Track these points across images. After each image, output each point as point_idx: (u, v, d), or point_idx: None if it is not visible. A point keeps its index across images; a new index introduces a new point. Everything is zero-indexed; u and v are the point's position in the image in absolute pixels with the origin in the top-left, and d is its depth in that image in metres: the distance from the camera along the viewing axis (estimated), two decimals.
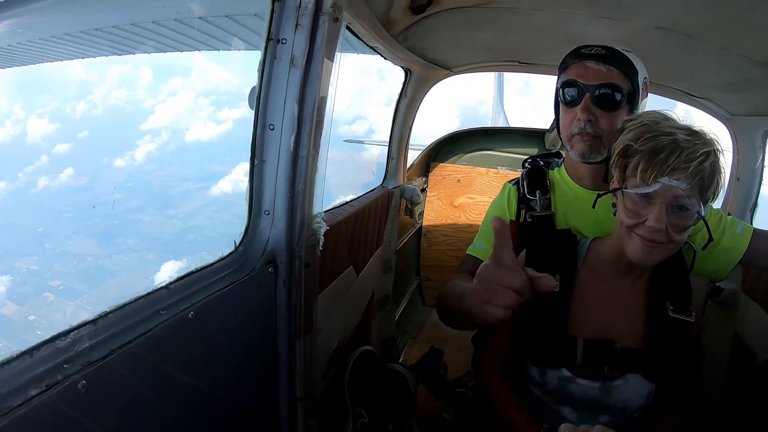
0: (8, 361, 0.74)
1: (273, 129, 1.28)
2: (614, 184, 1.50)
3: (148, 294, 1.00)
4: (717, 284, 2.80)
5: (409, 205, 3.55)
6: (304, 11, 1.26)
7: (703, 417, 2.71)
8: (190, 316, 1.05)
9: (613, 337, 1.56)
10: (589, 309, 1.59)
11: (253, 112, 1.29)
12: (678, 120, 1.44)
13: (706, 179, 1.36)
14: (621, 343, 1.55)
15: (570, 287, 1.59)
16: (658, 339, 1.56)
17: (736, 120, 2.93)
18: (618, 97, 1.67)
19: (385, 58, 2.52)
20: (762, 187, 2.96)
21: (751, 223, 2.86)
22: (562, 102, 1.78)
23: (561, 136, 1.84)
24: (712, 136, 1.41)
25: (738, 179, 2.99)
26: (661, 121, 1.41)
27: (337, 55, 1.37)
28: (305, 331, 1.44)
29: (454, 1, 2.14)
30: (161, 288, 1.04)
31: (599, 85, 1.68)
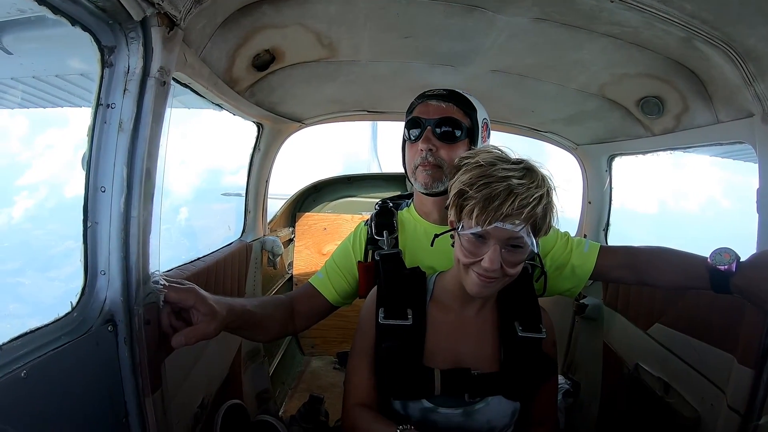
0: None
1: (104, 191, 1.34)
2: (452, 221, 1.60)
3: None
4: (581, 301, 3.02)
5: (271, 257, 3.60)
6: (131, 76, 1.34)
7: (585, 425, 2.88)
8: (22, 375, 1.08)
9: (468, 365, 1.63)
10: (443, 340, 1.67)
11: (84, 174, 1.34)
12: (513, 155, 1.55)
13: (538, 221, 1.47)
14: (477, 369, 1.62)
15: (423, 321, 1.67)
16: (512, 359, 1.64)
17: (581, 149, 3.21)
18: (457, 130, 1.84)
19: (234, 114, 2.60)
20: (612, 206, 3.22)
21: (606, 241, 3.13)
22: (407, 140, 1.94)
23: (407, 172, 1.99)
24: (545, 172, 1.52)
25: (590, 202, 3.26)
26: (497, 162, 1.50)
27: (167, 117, 1.45)
28: (153, 388, 1.48)
29: (296, 56, 2.28)
30: None
31: (440, 119, 1.85)
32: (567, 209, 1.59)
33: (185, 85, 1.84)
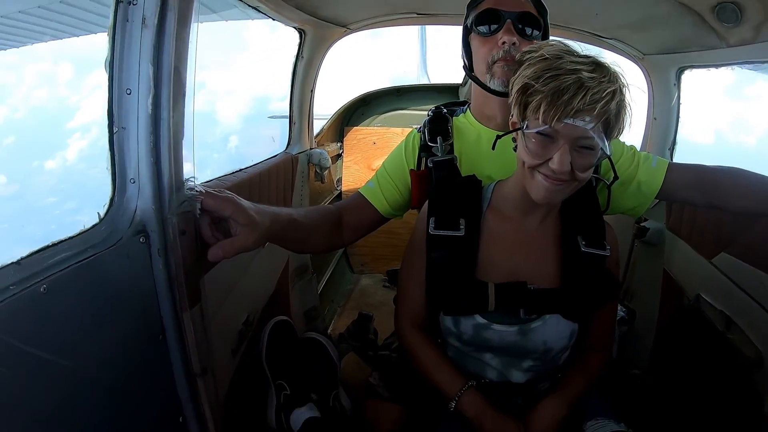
0: None
1: (130, 93, 1.25)
2: (514, 122, 1.50)
3: None
4: (642, 224, 2.87)
5: (318, 170, 3.54)
6: None
7: (638, 356, 2.79)
8: (42, 289, 1.01)
9: (525, 279, 1.57)
10: (499, 252, 1.61)
11: (107, 77, 1.25)
12: (580, 51, 1.44)
13: (611, 119, 1.38)
14: (534, 283, 1.57)
15: (476, 232, 1.60)
16: (573, 276, 1.58)
17: (648, 59, 3.00)
18: (535, 29, 1.75)
19: (274, 19, 2.49)
20: (680, 126, 3.03)
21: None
22: (478, 34, 1.81)
23: (476, 71, 1.86)
24: (617, 69, 1.41)
25: (655, 119, 3.06)
26: (563, 55, 1.40)
27: (194, 13, 1.33)
28: (192, 302, 1.42)
29: None
30: (12, 263, 1.00)
31: (521, 13, 1.74)
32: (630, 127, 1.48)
33: None
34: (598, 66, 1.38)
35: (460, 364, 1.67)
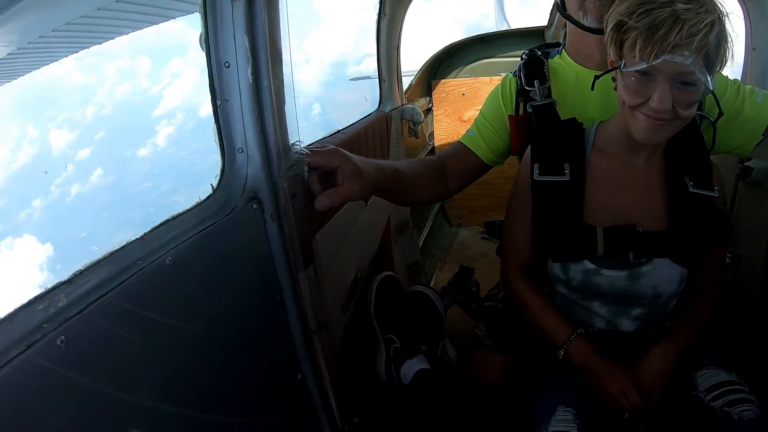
0: None
1: (228, 66, 1.29)
2: (611, 61, 1.46)
3: (122, 247, 1.04)
4: (746, 164, 2.72)
5: (411, 126, 3.55)
6: None
7: (743, 304, 2.68)
8: (168, 261, 1.08)
9: (633, 221, 1.53)
10: (605, 194, 1.57)
11: (204, 53, 1.29)
12: None
13: (711, 52, 1.31)
14: (643, 226, 1.53)
15: (582, 175, 1.58)
16: (682, 217, 1.53)
17: None
18: None
19: None
20: None
21: None
22: None
23: (569, 8, 1.80)
24: None
25: (754, 49, 2.85)
26: None
27: None
28: (306, 263, 1.48)
29: None
30: (136, 240, 1.07)
31: None
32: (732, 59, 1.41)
33: None
34: None
35: (568, 313, 1.66)
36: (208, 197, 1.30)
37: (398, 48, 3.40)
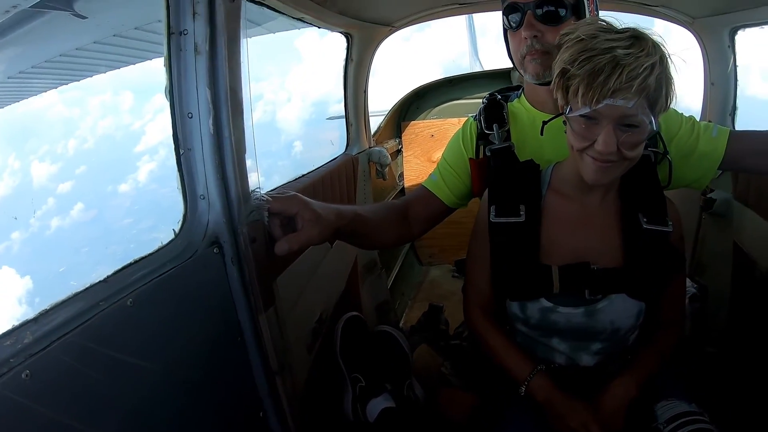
0: None
1: (192, 117, 1.36)
2: (560, 106, 1.51)
3: (86, 288, 1.09)
4: (708, 195, 2.81)
5: (379, 168, 3.60)
6: None
7: (712, 333, 2.73)
8: (129, 303, 1.13)
9: (588, 259, 1.57)
10: (561, 234, 1.62)
11: (169, 103, 1.36)
12: (618, 25, 1.43)
13: (652, 93, 1.36)
14: (598, 263, 1.57)
15: (537, 216, 1.62)
16: (636, 254, 1.57)
17: (699, 23, 2.90)
18: (560, 8, 1.70)
19: (319, 27, 2.57)
20: (738, 88, 2.93)
21: (734, 128, 2.86)
22: (508, 29, 1.81)
23: (515, 64, 1.87)
24: (657, 39, 1.39)
25: (712, 84, 2.97)
26: (598, 34, 1.39)
27: (242, 35, 1.43)
28: (266, 305, 1.53)
29: None
30: (100, 282, 1.12)
31: (539, 0, 1.70)
32: (687, 96, 1.47)
33: (260, 3, 1.83)
34: (636, 40, 1.36)
35: (529, 350, 1.68)
36: (170, 242, 1.35)
37: (365, 92, 3.49)
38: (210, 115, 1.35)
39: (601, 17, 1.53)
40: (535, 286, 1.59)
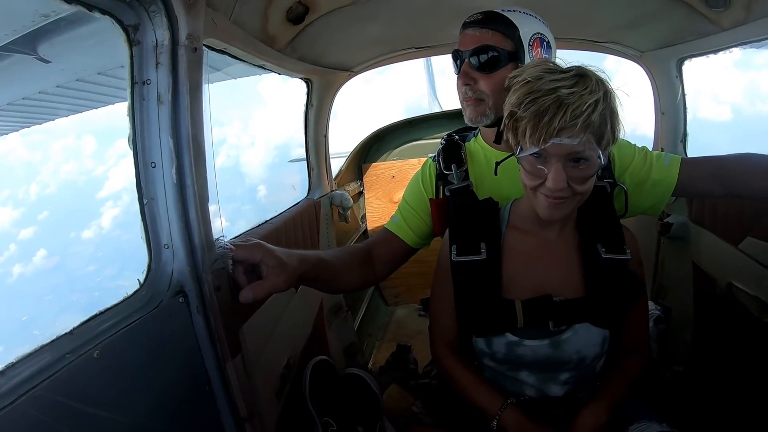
0: None
1: (155, 166, 1.37)
2: (512, 146, 1.55)
3: (52, 341, 1.09)
4: (665, 220, 2.90)
5: (341, 211, 3.64)
6: (161, 49, 1.35)
7: (678, 352, 2.80)
8: (95, 355, 1.13)
9: (550, 291, 1.61)
10: (522, 269, 1.65)
11: (132, 152, 1.38)
12: (563, 64, 1.48)
13: (598, 129, 1.40)
14: (561, 295, 1.60)
15: (498, 253, 1.65)
16: (597, 283, 1.61)
17: (647, 56, 3.02)
18: (492, 57, 1.77)
19: (280, 74, 2.61)
20: (688, 115, 3.03)
21: (685, 154, 2.98)
22: (455, 73, 1.88)
23: None
24: (601, 75, 1.44)
25: (663, 113, 3.08)
26: (543, 75, 1.43)
27: (204, 84, 1.46)
28: (233, 352, 1.53)
29: (330, 3, 2.24)
30: (66, 334, 1.12)
31: (474, 48, 1.78)
32: (640, 125, 1.52)
33: (221, 51, 1.86)
34: (580, 78, 1.41)
35: (498, 385, 1.70)
36: (135, 292, 1.35)
37: (326, 136, 3.53)
38: (173, 164, 1.36)
39: (549, 59, 1.59)
40: (500, 321, 1.62)
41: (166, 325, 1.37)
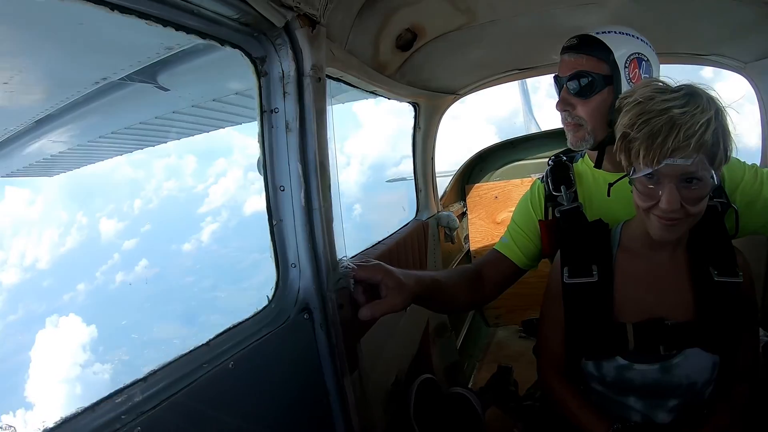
0: (74, 416, 0.93)
1: (284, 190, 1.46)
2: (625, 167, 1.53)
3: (191, 351, 1.18)
4: None
5: (447, 232, 3.67)
6: (288, 80, 1.44)
7: None
8: (230, 366, 1.22)
9: (662, 315, 1.56)
10: (633, 291, 1.62)
11: (262, 177, 1.47)
12: (672, 83, 1.46)
13: (711, 148, 1.37)
14: (672, 319, 1.56)
15: (609, 275, 1.64)
16: (709, 307, 1.56)
17: (751, 67, 2.87)
18: (588, 82, 1.76)
19: (389, 99, 2.69)
20: None
21: None
22: None
23: None
24: (711, 93, 1.41)
25: None
26: (654, 95, 1.42)
27: (329, 110, 1.54)
28: (351, 368, 1.59)
29: (436, 29, 2.30)
30: (203, 345, 1.22)
31: (570, 75, 1.78)
32: (745, 139, 1.48)
33: (337, 79, 1.93)
34: (690, 97, 1.38)
35: (604, 409, 1.64)
36: (264, 308, 1.44)
37: (432, 158, 3.61)
38: (301, 188, 1.45)
39: (659, 78, 1.57)
40: (610, 344, 1.60)
41: (292, 340, 1.45)
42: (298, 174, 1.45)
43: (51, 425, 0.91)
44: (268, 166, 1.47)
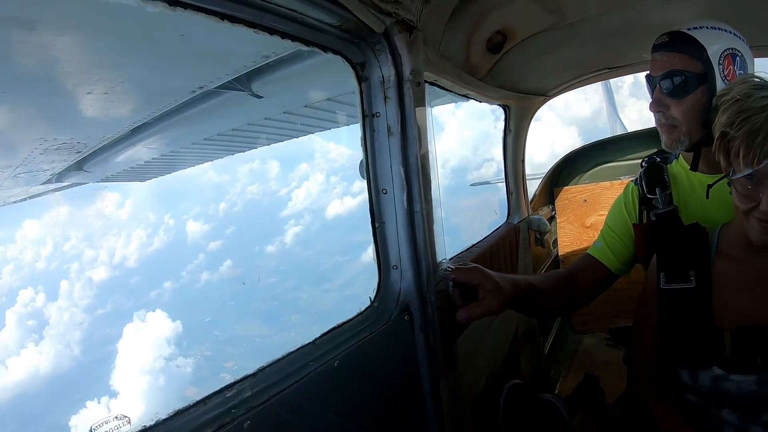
0: (186, 409, 0.98)
1: (386, 193, 1.48)
2: (724, 167, 1.48)
3: (298, 349, 1.23)
4: None
5: (538, 236, 3.62)
6: (388, 84, 1.47)
7: None
8: (335, 364, 1.25)
9: (762, 323, 1.48)
10: (732, 298, 1.55)
11: (365, 180, 1.50)
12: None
13: None
14: None
15: (707, 280, 1.58)
16: None
17: None
18: (681, 81, 1.69)
19: (481, 101, 2.68)
20: None
21: None
22: None
23: None
24: None
25: None
26: (752, 92, 1.38)
27: (429, 112, 1.55)
28: (447, 370, 1.60)
29: (526, 30, 2.29)
30: (309, 343, 1.26)
31: (662, 75, 1.72)
32: None
33: (432, 83, 1.94)
34: None
35: (697, 422, 1.61)
36: (367, 308, 1.47)
37: (523, 161, 3.58)
38: (404, 191, 1.47)
39: (756, 73, 1.51)
40: (707, 352, 1.54)
41: (392, 341, 1.47)
42: (401, 177, 1.47)
43: (164, 416, 0.97)
44: (370, 169, 1.50)
